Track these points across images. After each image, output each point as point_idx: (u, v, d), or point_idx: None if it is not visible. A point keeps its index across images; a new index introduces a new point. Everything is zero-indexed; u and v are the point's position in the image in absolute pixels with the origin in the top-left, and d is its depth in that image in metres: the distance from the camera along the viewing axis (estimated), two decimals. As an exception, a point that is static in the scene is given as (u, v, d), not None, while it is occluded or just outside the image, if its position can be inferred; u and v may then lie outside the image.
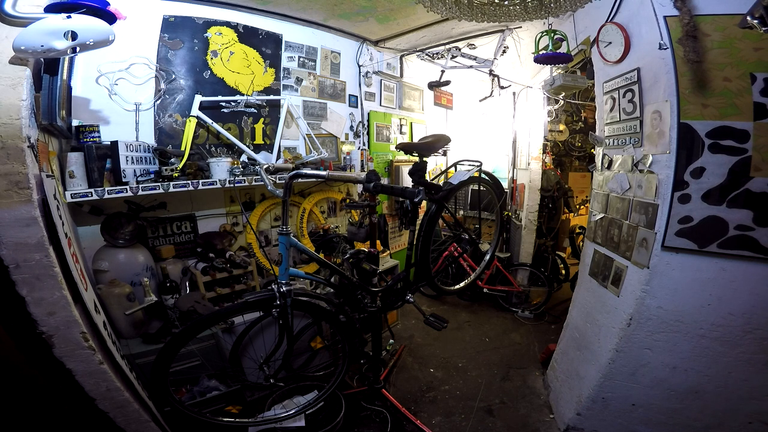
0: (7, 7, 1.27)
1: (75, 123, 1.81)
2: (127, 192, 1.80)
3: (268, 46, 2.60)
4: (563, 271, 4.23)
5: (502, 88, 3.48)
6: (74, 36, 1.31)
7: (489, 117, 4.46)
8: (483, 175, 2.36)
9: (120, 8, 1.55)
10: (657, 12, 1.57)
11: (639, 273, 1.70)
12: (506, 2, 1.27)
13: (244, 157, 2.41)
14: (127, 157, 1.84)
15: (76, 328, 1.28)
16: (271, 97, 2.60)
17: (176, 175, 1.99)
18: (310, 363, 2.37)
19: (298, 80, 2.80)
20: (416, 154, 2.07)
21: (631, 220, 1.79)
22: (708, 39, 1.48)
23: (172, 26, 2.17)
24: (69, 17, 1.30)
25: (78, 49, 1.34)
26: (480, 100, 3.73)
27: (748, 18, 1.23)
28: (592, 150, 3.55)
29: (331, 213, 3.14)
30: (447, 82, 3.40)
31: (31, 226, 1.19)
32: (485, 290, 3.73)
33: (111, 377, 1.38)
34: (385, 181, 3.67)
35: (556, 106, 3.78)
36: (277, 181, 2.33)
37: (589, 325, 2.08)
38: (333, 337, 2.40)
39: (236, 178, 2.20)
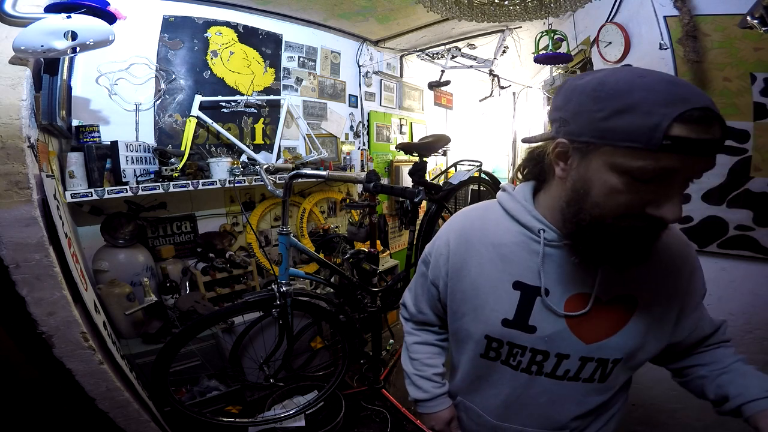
0: (7, 7, 1.27)
1: (75, 123, 1.81)
2: (127, 192, 1.80)
3: (268, 46, 2.60)
4: (563, 271, 4.22)
5: (502, 88, 3.48)
6: (74, 36, 1.30)
7: (489, 117, 4.46)
8: (483, 175, 2.36)
9: (120, 8, 1.55)
10: (657, 12, 1.57)
11: (639, 273, 1.69)
12: (506, 2, 1.27)
13: (244, 157, 2.40)
14: (127, 157, 1.83)
15: (76, 328, 1.28)
16: (271, 97, 2.60)
17: (176, 175, 1.99)
18: (310, 363, 2.37)
19: (298, 80, 2.80)
20: (416, 154, 2.08)
21: (631, 220, 1.78)
22: (708, 39, 1.48)
23: (172, 26, 2.17)
24: (69, 17, 1.30)
25: (78, 49, 1.34)
26: (480, 100, 3.73)
27: (748, 18, 1.23)
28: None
29: (331, 213, 3.14)
30: (447, 82, 3.40)
31: (31, 226, 1.18)
32: (485, 290, 3.72)
33: (111, 377, 1.38)
34: (385, 181, 3.67)
35: (556, 106, 3.78)
36: (277, 181, 2.33)
37: (589, 325, 2.08)
38: (333, 337, 2.40)
39: (236, 178, 2.20)
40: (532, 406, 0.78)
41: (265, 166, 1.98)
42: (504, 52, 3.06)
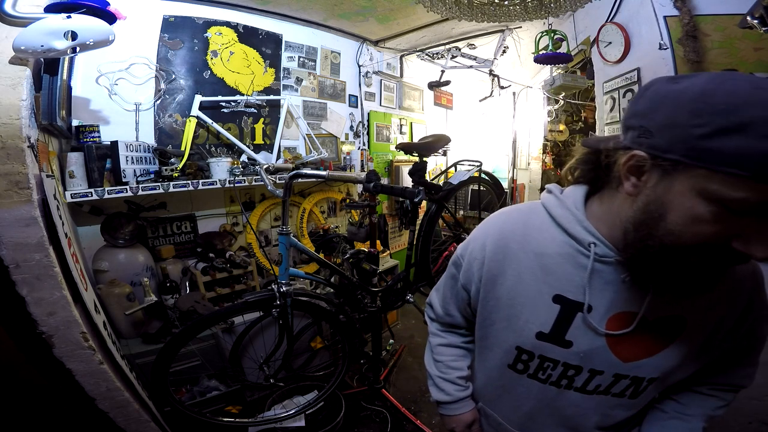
0: (7, 7, 1.27)
1: (75, 123, 1.81)
2: (127, 192, 1.80)
3: (268, 46, 2.60)
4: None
5: (502, 88, 3.48)
6: (74, 36, 1.31)
7: (489, 117, 4.47)
8: (483, 175, 2.37)
9: (120, 8, 1.55)
10: (657, 12, 1.57)
11: (639, 273, 1.69)
12: (506, 2, 1.27)
13: (244, 157, 2.41)
14: (127, 157, 1.83)
15: (76, 328, 1.28)
16: (271, 97, 2.60)
17: (176, 175, 1.99)
18: (310, 363, 2.37)
19: (298, 80, 2.80)
20: (416, 154, 2.07)
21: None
22: (708, 39, 1.49)
23: (172, 26, 2.17)
24: (69, 17, 1.30)
25: (78, 49, 1.34)
26: (480, 100, 3.73)
27: (748, 18, 1.24)
28: (592, 150, 3.54)
29: (331, 213, 3.14)
30: (447, 82, 3.40)
31: (31, 226, 1.19)
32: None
33: (111, 377, 1.38)
34: (385, 181, 3.67)
35: (556, 106, 3.78)
36: (277, 181, 2.33)
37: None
38: (333, 337, 2.40)
39: (236, 178, 2.20)
40: (556, 416, 0.75)
41: (265, 166, 1.98)
42: (504, 52, 3.06)
